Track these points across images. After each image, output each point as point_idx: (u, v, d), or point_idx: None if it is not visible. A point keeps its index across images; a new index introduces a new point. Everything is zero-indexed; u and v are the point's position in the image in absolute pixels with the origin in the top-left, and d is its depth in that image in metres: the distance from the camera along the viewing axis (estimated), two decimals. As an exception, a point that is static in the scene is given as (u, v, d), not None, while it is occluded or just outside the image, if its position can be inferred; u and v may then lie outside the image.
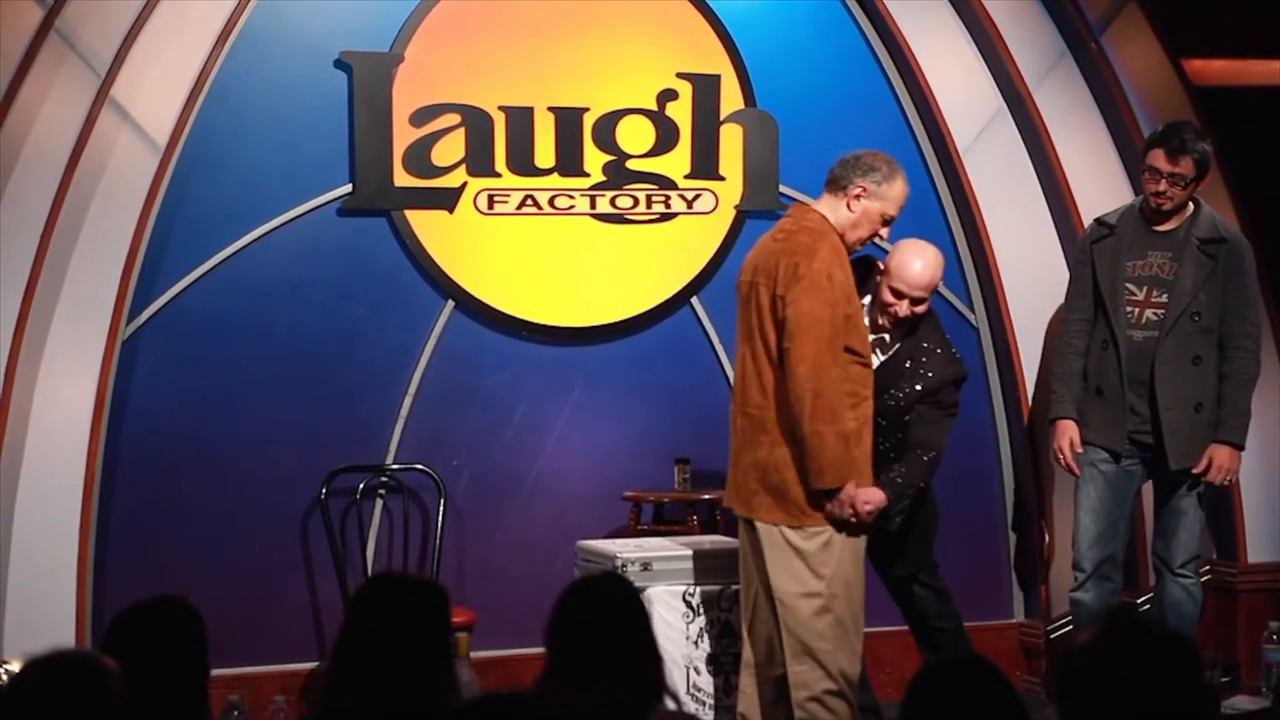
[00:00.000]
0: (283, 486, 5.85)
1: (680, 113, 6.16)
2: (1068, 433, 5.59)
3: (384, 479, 5.96)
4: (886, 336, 5.18)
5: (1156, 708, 2.38)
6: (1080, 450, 5.57)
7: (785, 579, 4.83)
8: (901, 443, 5.14)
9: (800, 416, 4.71)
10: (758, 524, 4.88)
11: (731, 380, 5.29)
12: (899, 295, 5.10)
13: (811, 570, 4.80)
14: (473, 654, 5.71)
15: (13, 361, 5.34)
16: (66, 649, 2.61)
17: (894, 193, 4.92)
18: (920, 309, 5.14)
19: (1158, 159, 5.41)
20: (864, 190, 4.88)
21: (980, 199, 6.29)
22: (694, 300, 6.21)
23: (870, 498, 4.80)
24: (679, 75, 6.15)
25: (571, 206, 6.07)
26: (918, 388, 5.14)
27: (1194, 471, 5.44)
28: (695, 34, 6.17)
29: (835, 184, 4.93)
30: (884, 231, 5.04)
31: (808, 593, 4.80)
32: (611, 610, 3.25)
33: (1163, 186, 5.41)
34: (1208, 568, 6.09)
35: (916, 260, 5.12)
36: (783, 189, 6.20)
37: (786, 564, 4.82)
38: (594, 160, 6.07)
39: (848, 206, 4.89)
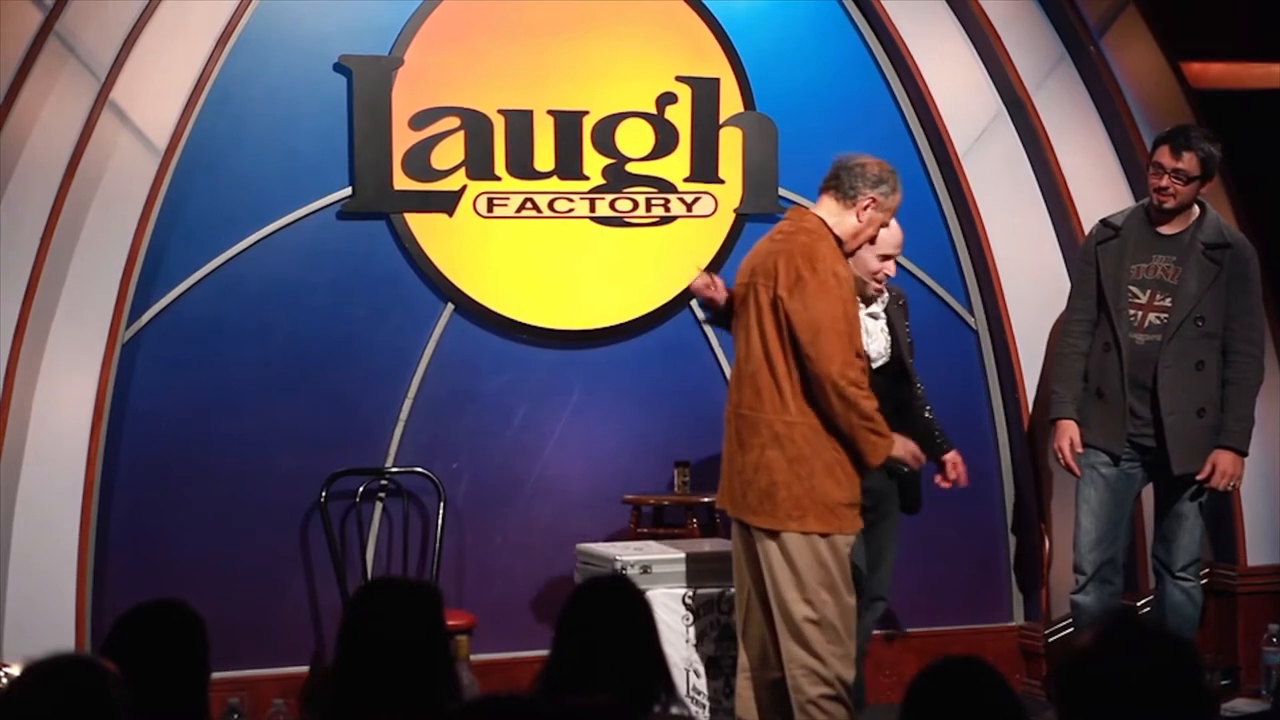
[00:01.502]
0: (282, 489, 5.85)
1: (679, 116, 6.16)
2: (1068, 433, 5.59)
3: (384, 482, 5.96)
4: (877, 306, 5.36)
5: (1156, 710, 2.38)
6: (1080, 450, 5.57)
7: (777, 583, 4.83)
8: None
9: (838, 413, 4.76)
10: (751, 526, 4.89)
11: (730, 383, 5.29)
12: (886, 258, 5.23)
13: (801, 574, 4.80)
14: (473, 657, 5.71)
15: (13, 364, 5.34)
16: (66, 652, 2.60)
17: (895, 203, 5.02)
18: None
19: (1162, 154, 5.42)
20: (873, 201, 4.94)
21: (979, 202, 6.30)
22: (693, 303, 6.20)
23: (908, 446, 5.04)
24: (678, 78, 6.16)
25: (571, 210, 6.08)
26: (909, 342, 5.44)
27: (1197, 478, 5.44)
28: (694, 37, 6.17)
29: (841, 192, 4.95)
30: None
31: (799, 597, 4.80)
32: (616, 612, 3.26)
33: (1165, 182, 5.42)
34: (1207, 570, 6.09)
35: (892, 225, 5.19)
36: (782, 192, 6.20)
37: (778, 568, 4.82)
38: (593, 163, 6.08)
39: (856, 216, 4.94)
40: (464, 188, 5.97)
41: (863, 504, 4.98)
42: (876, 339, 5.31)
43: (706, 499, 5.95)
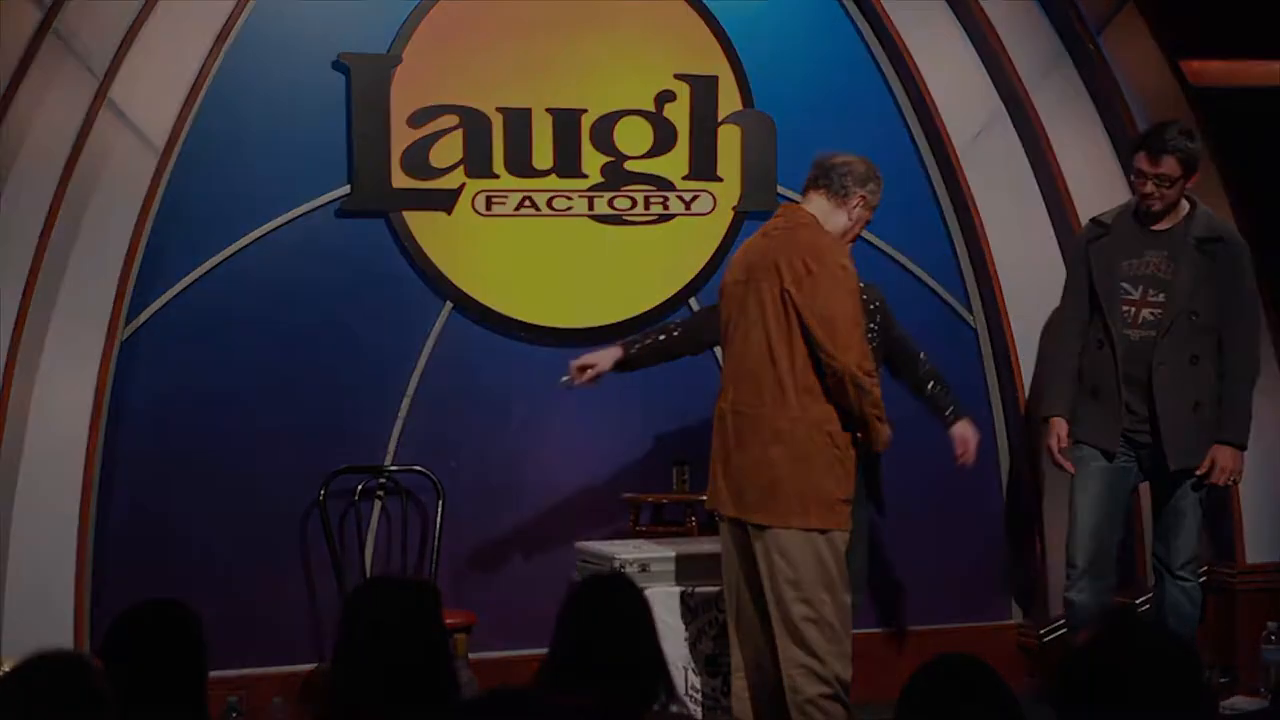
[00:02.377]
0: (281, 487, 5.85)
1: (678, 114, 6.16)
2: (1056, 430, 5.59)
3: (383, 480, 5.96)
4: None
5: (1155, 708, 2.38)
6: (1065, 445, 5.56)
7: (775, 581, 4.82)
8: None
9: (853, 402, 4.80)
10: (748, 526, 4.88)
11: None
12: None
13: (800, 572, 4.80)
14: (471, 655, 5.71)
15: (12, 361, 5.34)
16: (52, 649, 2.60)
17: (878, 200, 5.06)
18: None
19: (1141, 161, 5.41)
20: (862, 199, 5.00)
21: (978, 200, 6.29)
22: (692, 301, 6.21)
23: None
24: (677, 76, 6.15)
25: (569, 208, 6.07)
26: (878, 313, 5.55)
27: (1197, 473, 5.44)
28: (693, 35, 6.17)
29: (832, 190, 4.97)
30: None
31: (797, 596, 4.80)
32: (615, 610, 3.26)
33: (1149, 189, 5.41)
34: (1206, 568, 6.08)
35: None
36: (781, 190, 6.20)
37: (777, 565, 4.81)
38: (592, 161, 6.08)
39: (848, 215, 4.97)
40: (462, 186, 5.97)
41: None
42: None
43: (705, 497, 5.94)
